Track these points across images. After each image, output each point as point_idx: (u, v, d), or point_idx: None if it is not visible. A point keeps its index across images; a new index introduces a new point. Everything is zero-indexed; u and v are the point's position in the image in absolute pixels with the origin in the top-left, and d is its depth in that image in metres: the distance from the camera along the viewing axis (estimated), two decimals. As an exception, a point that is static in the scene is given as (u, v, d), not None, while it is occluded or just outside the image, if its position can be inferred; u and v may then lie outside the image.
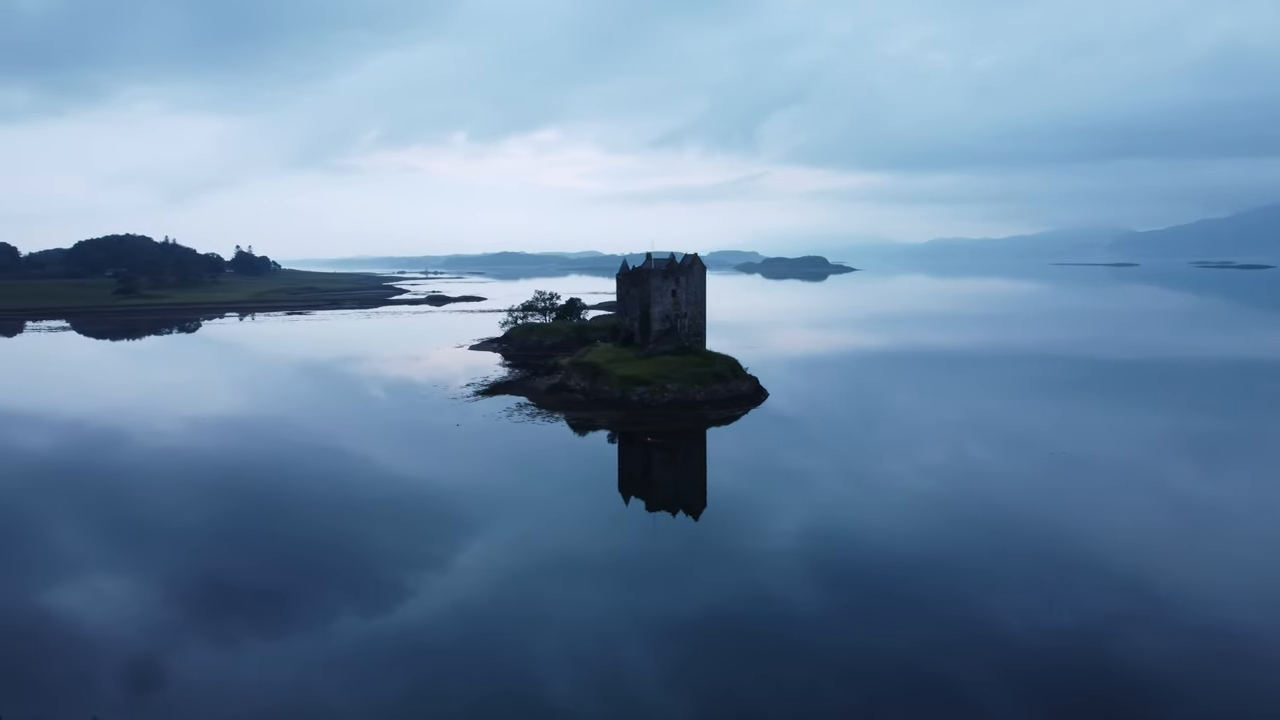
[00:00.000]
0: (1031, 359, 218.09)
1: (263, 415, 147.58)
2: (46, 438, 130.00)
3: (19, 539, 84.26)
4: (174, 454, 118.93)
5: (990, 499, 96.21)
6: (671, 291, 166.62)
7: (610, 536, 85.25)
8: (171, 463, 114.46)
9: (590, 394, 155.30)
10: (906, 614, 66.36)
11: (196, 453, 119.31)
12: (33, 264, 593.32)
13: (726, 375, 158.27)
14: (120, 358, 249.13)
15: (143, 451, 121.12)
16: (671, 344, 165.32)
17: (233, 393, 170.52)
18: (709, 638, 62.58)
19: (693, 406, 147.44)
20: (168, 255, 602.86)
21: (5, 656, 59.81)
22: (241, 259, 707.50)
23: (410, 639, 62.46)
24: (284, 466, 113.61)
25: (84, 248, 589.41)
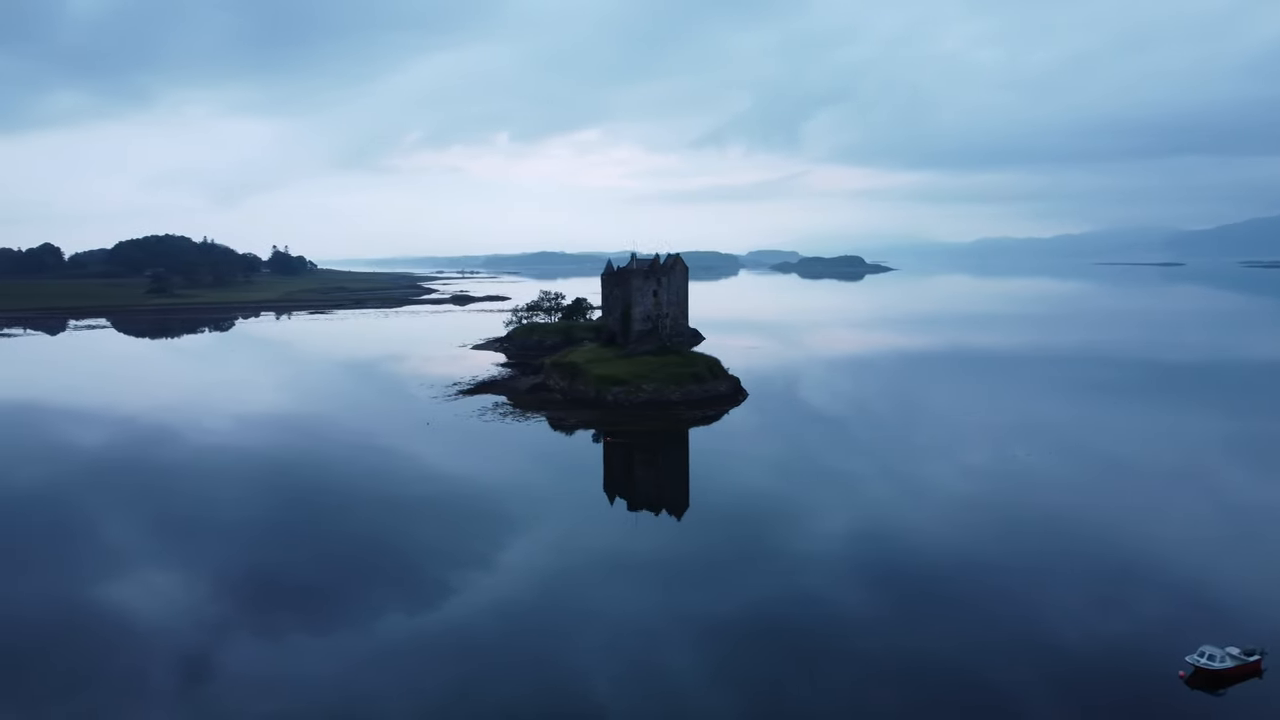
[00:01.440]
0: (1074, 360, 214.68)
1: (244, 409, 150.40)
2: (90, 434, 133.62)
3: (74, 534, 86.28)
4: (193, 447, 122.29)
5: (1036, 501, 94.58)
6: (653, 292, 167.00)
7: (589, 537, 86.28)
8: (189, 457, 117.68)
9: (568, 394, 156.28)
10: (951, 616, 65.79)
11: (210, 445, 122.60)
12: (76, 264, 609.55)
13: (705, 376, 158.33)
14: (144, 355, 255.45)
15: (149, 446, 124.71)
16: (653, 344, 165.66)
17: (224, 389, 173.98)
18: (750, 637, 62.49)
19: (667, 407, 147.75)
20: (205, 255, 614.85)
21: (61, 650, 61.46)
22: (278, 259, 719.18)
23: (455, 635, 63.18)
24: (270, 459, 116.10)
25: (124, 248, 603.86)
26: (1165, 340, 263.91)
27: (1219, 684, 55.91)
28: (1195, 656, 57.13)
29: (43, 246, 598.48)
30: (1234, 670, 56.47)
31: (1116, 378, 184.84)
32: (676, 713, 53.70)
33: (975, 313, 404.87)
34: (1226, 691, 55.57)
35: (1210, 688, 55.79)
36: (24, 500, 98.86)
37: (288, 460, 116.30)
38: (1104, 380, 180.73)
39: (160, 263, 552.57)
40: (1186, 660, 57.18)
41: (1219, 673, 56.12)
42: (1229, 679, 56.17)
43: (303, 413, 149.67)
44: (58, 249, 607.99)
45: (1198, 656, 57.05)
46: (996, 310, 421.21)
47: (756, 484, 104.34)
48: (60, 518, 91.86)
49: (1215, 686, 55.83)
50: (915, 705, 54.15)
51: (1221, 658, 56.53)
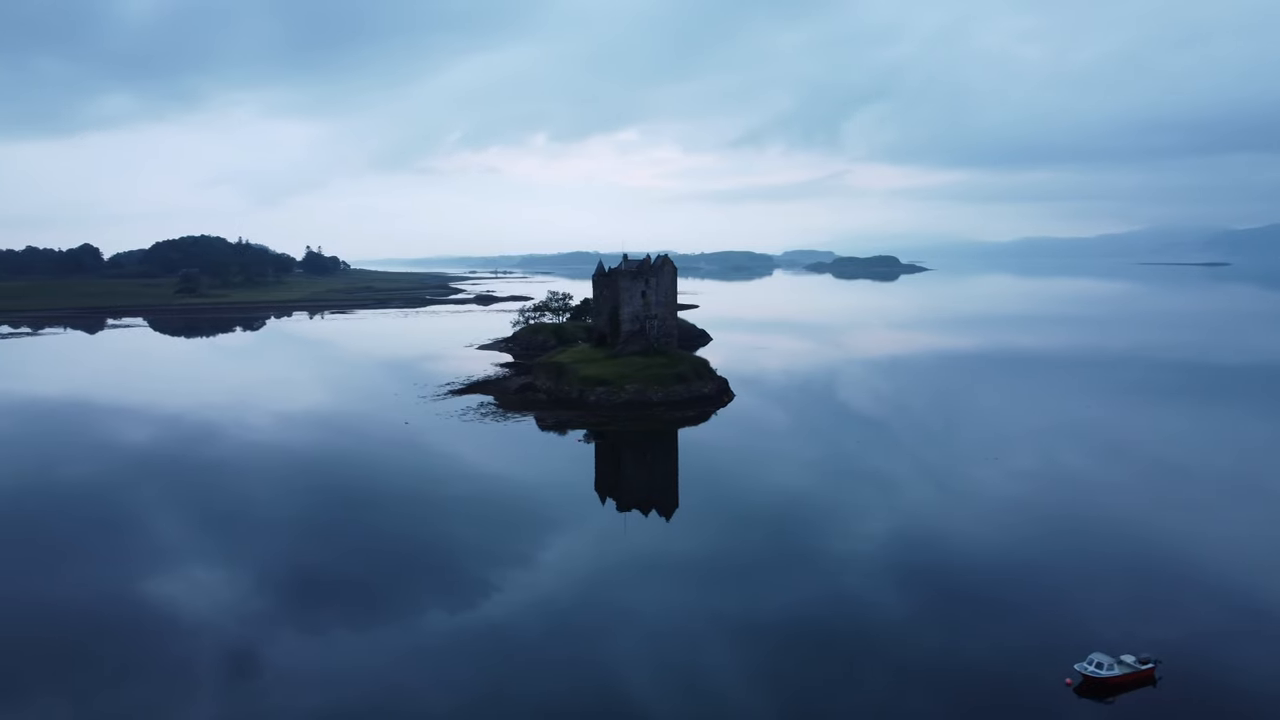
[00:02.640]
0: (1118, 362, 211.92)
1: (226, 403, 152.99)
2: (126, 430, 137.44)
3: (121, 529, 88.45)
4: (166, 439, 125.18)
5: (1081, 506, 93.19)
6: (641, 293, 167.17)
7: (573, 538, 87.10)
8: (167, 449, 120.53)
9: (553, 394, 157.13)
10: (994, 620, 65.34)
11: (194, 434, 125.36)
12: (113, 264, 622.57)
13: (689, 376, 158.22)
14: (161, 352, 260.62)
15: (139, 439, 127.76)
16: (640, 345, 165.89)
17: (218, 385, 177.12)
18: (787, 638, 62.52)
19: (648, 407, 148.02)
20: (239, 255, 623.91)
21: (110, 642, 63.12)
22: (311, 259, 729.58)
23: (495, 633, 63.64)
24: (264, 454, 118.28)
25: (160, 248, 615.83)
26: (1211, 342, 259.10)
27: (1108, 692, 55.17)
28: (1084, 664, 56.40)
29: (82, 247, 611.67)
30: (1124, 678, 55.69)
31: (1162, 380, 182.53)
32: (714, 714, 53.69)
33: (1010, 313, 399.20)
34: (1116, 700, 54.84)
35: (1099, 696, 55.09)
36: (74, 495, 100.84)
37: (302, 456, 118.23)
38: (1149, 382, 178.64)
39: (195, 263, 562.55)
40: (1075, 668, 56.46)
41: (1107, 681, 55.36)
42: (1119, 687, 55.39)
43: (286, 409, 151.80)
44: (96, 249, 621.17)
45: (1086, 664, 56.31)
46: (1034, 310, 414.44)
47: (769, 483, 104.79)
48: (108, 513, 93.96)
49: (1104, 695, 55.10)
50: (955, 711, 53.78)
51: (1110, 665, 55.75)
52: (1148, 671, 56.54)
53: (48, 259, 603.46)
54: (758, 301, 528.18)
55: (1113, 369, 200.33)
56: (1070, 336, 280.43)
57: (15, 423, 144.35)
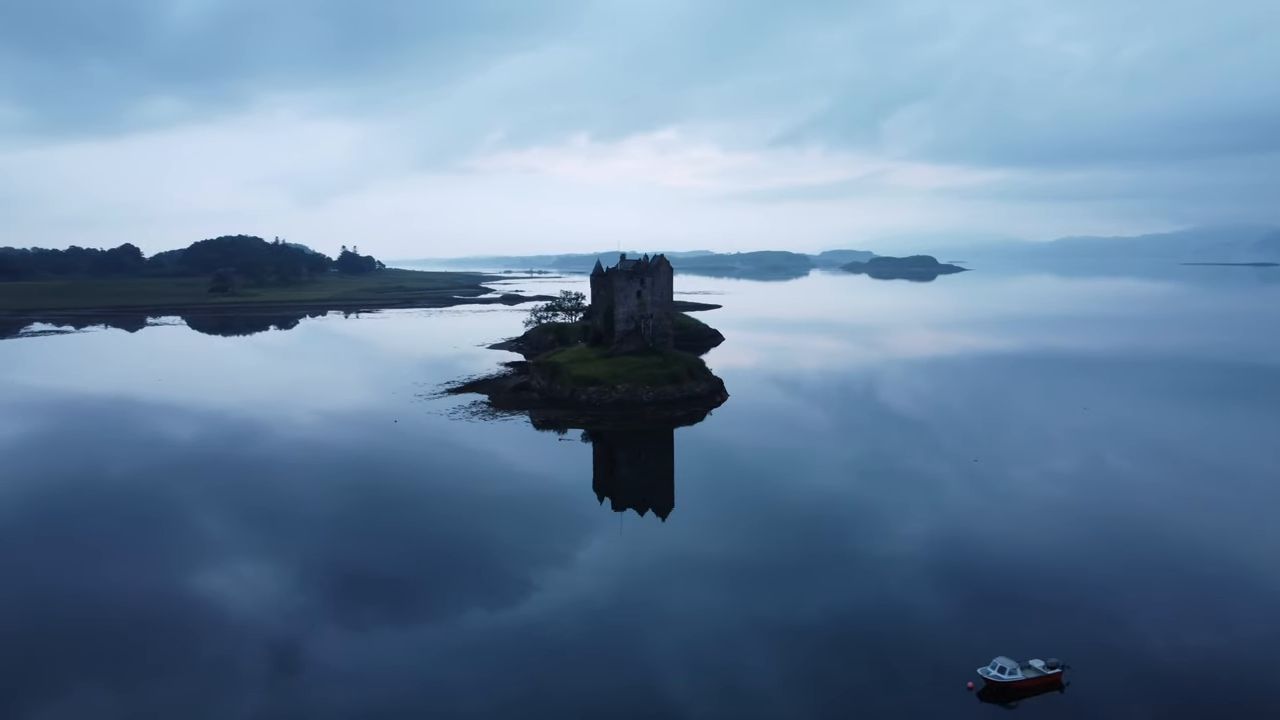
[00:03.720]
0: (1160, 364, 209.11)
1: (216, 401, 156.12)
2: (164, 426, 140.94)
3: (165, 526, 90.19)
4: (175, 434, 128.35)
5: (1124, 509, 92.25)
6: (636, 293, 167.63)
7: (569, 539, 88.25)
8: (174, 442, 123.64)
9: (546, 393, 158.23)
10: (1038, 626, 64.19)
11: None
12: (153, 264, 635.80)
13: (682, 377, 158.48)
14: (178, 349, 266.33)
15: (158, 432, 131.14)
16: (635, 344, 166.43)
17: (217, 381, 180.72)
18: (826, 640, 62.32)
19: (637, 407, 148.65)
20: (275, 255, 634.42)
21: (157, 635, 64.28)
22: (346, 259, 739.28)
23: (534, 632, 64.02)
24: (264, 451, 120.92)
25: (198, 248, 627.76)
26: (1258, 344, 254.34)
27: (1011, 697, 54.80)
28: (987, 668, 56.06)
29: (123, 247, 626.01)
30: (1028, 683, 55.28)
31: (1206, 381, 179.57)
32: (751, 714, 53.66)
33: (1047, 314, 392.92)
34: (1019, 705, 54.48)
35: (1002, 700, 54.75)
36: (120, 492, 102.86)
37: (298, 454, 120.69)
38: (1193, 384, 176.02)
39: (232, 263, 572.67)
40: (977, 672, 56.15)
41: (1009, 685, 54.98)
42: (1022, 692, 55.00)
43: (281, 400, 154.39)
44: (137, 249, 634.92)
45: (989, 668, 55.98)
46: (1074, 311, 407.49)
47: (769, 481, 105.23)
48: (152, 509, 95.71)
49: (1007, 699, 54.75)
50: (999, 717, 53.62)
51: (1013, 669, 55.38)
52: (1054, 676, 56.05)
53: (90, 259, 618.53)
54: (788, 302, 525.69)
55: (1156, 370, 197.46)
56: (1112, 337, 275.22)
57: (65, 419, 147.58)
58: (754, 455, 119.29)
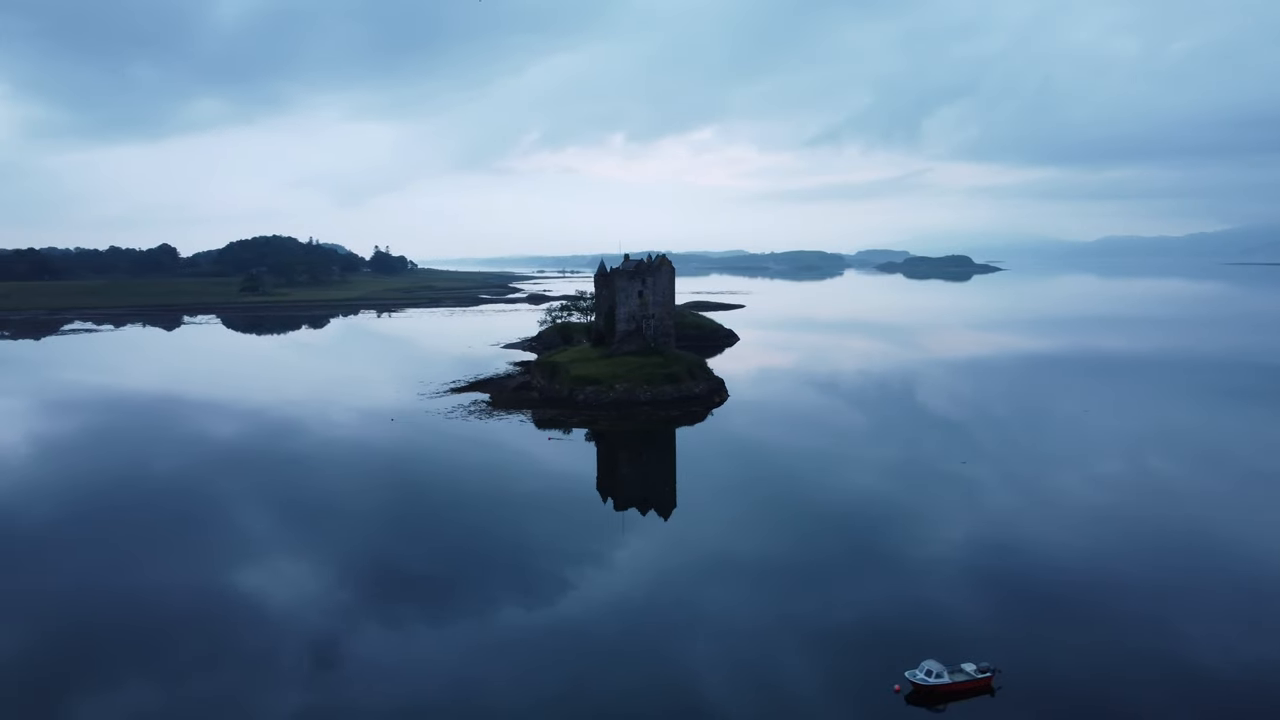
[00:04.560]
0: (1206, 366, 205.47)
1: (211, 396, 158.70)
2: (201, 423, 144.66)
3: (209, 523, 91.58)
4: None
5: (1173, 515, 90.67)
6: (638, 292, 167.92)
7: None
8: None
9: (545, 392, 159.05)
10: (1084, 634, 63.02)
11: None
12: (189, 264, 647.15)
13: (681, 377, 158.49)
14: (202, 346, 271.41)
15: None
16: (636, 344, 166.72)
17: (221, 378, 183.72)
18: (864, 644, 61.76)
19: (634, 406, 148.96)
20: (309, 255, 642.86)
21: (198, 630, 65.19)
22: (378, 259, 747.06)
23: (571, 630, 64.31)
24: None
25: (233, 248, 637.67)
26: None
27: (938, 700, 54.40)
28: (914, 672, 55.67)
29: (160, 247, 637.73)
30: (956, 687, 54.83)
31: (1254, 385, 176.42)
32: (788, 715, 53.80)
33: (1082, 314, 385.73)
34: (946, 709, 54.08)
35: (929, 704, 54.38)
36: (163, 488, 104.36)
37: (300, 450, 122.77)
38: (1240, 387, 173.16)
39: (265, 262, 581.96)
40: (905, 675, 55.77)
41: (937, 689, 54.57)
42: (951, 696, 54.57)
43: (280, 395, 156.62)
44: (174, 249, 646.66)
45: (917, 671, 55.58)
46: (1113, 311, 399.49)
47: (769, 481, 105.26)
48: (195, 505, 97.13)
49: (935, 703, 54.37)
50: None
51: (941, 673, 54.95)
52: (984, 680, 55.55)
53: (129, 258, 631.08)
54: (816, 301, 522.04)
55: (1202, 372, 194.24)
56: (1154, 339, 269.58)
57: (109, 416, 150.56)
58: (752, 454, 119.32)
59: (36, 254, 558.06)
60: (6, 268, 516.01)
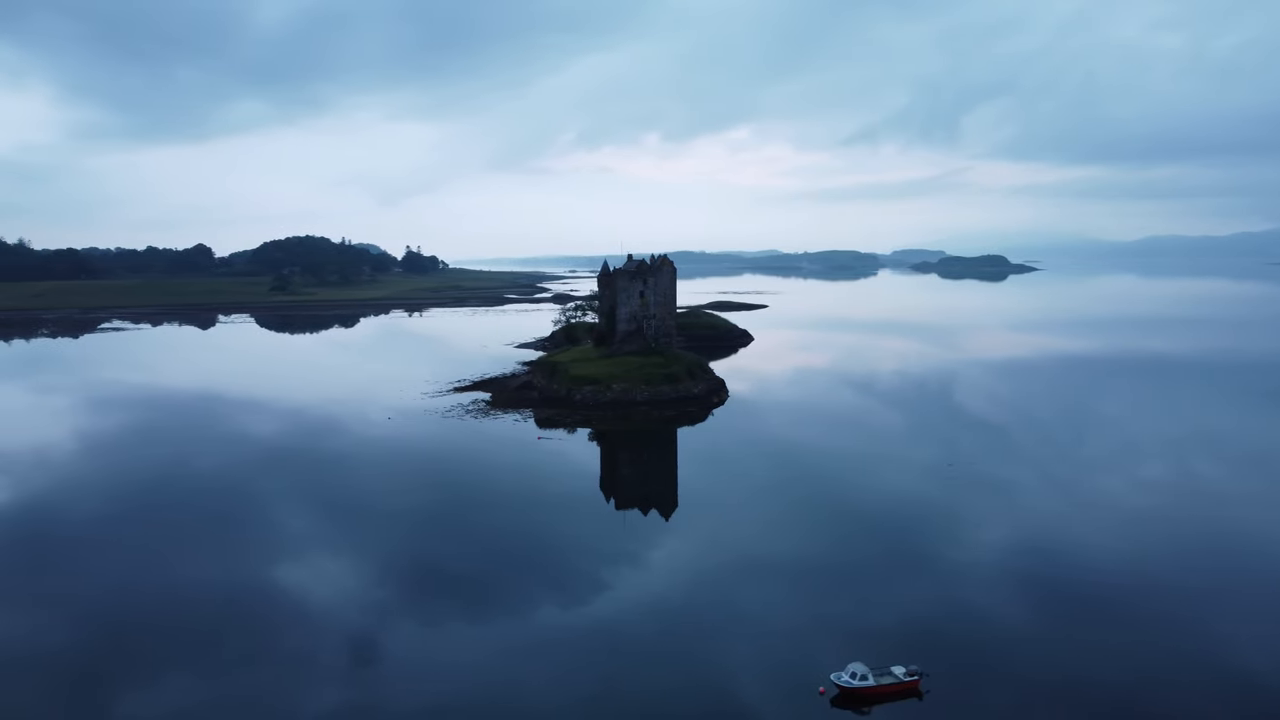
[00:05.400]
0: (1253, 368, 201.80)
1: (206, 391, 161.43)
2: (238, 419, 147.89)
3: (249, 521, 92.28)
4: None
5: (1217, 519, 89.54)
6: (639, 293, 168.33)
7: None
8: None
9: (544, 392, 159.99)
10: (1125, 639, 62.41)
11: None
12: (224, 264, 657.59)
13: (680, 377, 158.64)
14: (224, 344, 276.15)
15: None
16: (637, 344, 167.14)
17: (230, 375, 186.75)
18: (902, 647, 60.61)
19: (630, 406, 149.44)
20: (341, 255, 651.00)
21: (238, 626, 66.13)
22: (410, 259, 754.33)
23: (607, 631, 64.46)
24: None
25: (266, 248, 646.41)
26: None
27: (863, 703, 54.25)
28: (839, 674, 55.51)
29: (195, 247, 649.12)
30: (882, 689, 54.65)
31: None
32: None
33: (1117, 314, 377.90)
34: (871, 711, 53.93)
35: (855, 707, 54.24)
36: (205, 486, 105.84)
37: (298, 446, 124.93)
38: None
39: (298, 262, 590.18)
40: (830, 678, 55.61)
41: (861, 691, 54.40)
42: (877, 698, 54.39)
43: (281, 391, 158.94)
44: (209, 249, 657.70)
45: (842, 673, 55.43)
46: (1150, 312, 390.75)
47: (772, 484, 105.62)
48: (236, 503, 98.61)
49: (859, 705, 54.21)
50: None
51: (865, 675, 54.76)
52: (912, 683, 55.27)
53: (166, 258, 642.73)
54: (843, 301, 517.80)
55: (1244, 374, 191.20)
56: (1192, 340, 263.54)
57: (149, 414, 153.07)
58: (751, 453, 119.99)
59: (75, 254, 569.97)
60: (46, 267, 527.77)
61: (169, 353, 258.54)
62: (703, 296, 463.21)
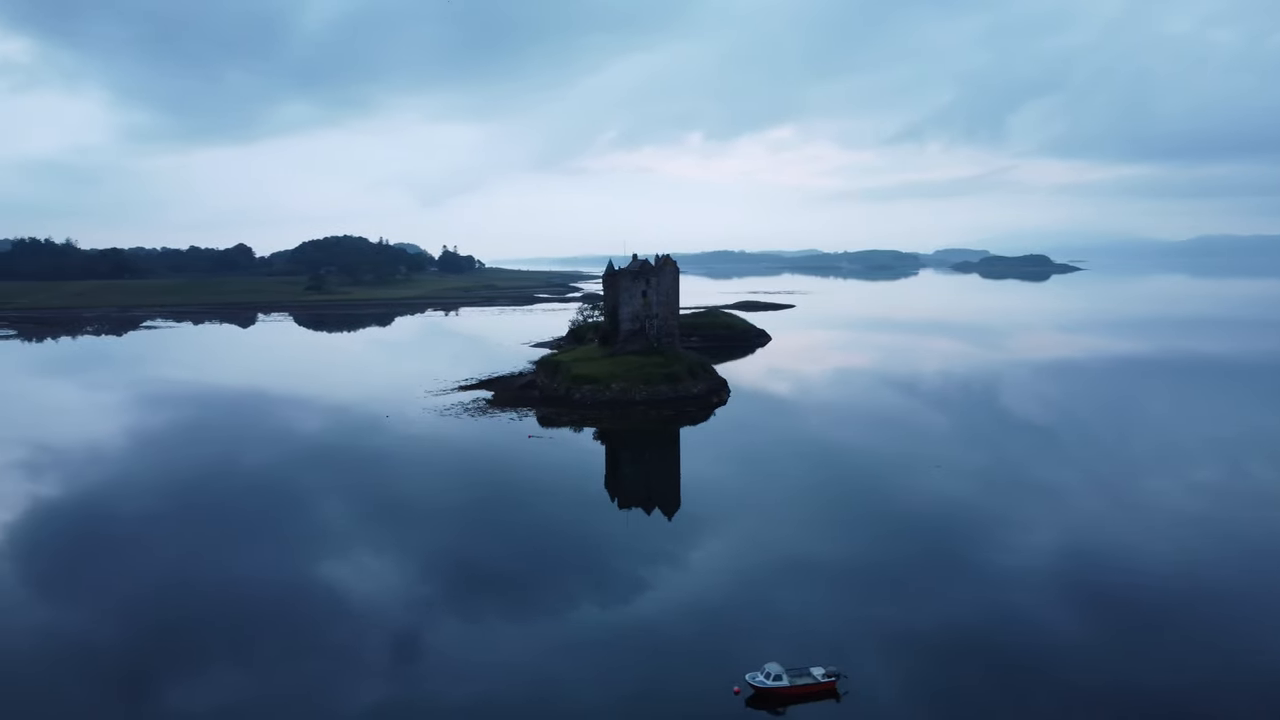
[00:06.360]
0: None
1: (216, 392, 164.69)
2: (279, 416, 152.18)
3: (293, 518, 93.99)
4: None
5: (1270, 523, 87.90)
6: (642, 292, 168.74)
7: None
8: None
9: (545, 391, 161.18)
10: (1173, 644, 61.69)
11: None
12: (263, 264, 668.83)
13: (680, 377, 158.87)
14: (245, 342, 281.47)
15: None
16: (640, 344, 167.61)
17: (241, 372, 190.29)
18: (944, 651, 60.64)
19: (627, 406, 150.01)
20: (378, 255, 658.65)
21: (285, 621, 67.29)
22: (446, 258, 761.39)
23: (646, 631, 64.43)
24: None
25: (305, 248, 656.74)
26: None
27: (779, 703, 54.31)
28: (754, 674, 55.58)
29: (236, 247, 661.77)
30: (797, 689, 54.67)
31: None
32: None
33: (1161, 315, 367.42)
34: (786, 711, 54.00)
35: (769, 707, 54.33)
36: (252, 482, 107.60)
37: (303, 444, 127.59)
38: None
39: (335, 262, 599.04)
40: (745, 678, 55.69)
41: (776, 692, 54.46)
42: (792, 699, 54.42)
43: (291, 392, 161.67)
44: (249, 249, 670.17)
45: (757, 674, 55.49)
46: (1198, 313, 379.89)
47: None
48: (283, 500, 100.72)
49: (774, 705, 54.28)
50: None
51: (780, 675, 54.79)
52: (829, 684, 55.22)
53: (207, 258, 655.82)
54: (876, 302, 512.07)
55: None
56: (1242, 341, 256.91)
57: (197, 411, 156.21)
58: (748, 453, 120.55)
59: (119, 254, 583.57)
60: (90, 267, 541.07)
61: (208, 351, 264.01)
62: (731, 296, 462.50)
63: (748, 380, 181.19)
